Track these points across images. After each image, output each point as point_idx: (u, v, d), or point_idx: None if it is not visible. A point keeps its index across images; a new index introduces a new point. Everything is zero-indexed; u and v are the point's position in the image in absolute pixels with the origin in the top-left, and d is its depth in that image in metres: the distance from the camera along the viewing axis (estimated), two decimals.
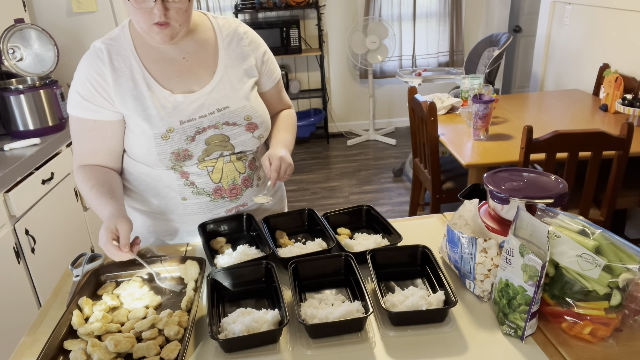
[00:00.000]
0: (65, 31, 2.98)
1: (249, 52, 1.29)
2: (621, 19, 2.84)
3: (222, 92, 1.22)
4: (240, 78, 1.26)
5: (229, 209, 1.31)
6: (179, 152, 1.18)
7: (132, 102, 1.17)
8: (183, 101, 1.19)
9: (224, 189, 1.26)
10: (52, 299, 1.14)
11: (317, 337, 0.95)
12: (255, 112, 1.26)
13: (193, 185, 1.24)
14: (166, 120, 1.17)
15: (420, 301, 0.97)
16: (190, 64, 1.22)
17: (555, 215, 0.97)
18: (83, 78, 1.19)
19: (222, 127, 1.22)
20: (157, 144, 1.17)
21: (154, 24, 1.10)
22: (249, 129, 1.25)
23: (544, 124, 2.51)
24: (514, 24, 4.87)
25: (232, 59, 1.26)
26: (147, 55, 1.20)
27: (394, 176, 4.06)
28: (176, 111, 1.18)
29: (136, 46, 1.20)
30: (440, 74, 4.00)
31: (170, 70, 1.20)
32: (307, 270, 1.10)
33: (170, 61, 1.21)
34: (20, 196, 2.10)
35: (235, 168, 1.27)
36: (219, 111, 1.21)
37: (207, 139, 1.21)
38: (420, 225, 1.35)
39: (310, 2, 4.41)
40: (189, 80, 1.21)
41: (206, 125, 1.20)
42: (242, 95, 1.25)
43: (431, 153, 2.47)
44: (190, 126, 1.19)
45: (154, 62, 1.20)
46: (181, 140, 1.18)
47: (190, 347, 0.95)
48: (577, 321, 0.90)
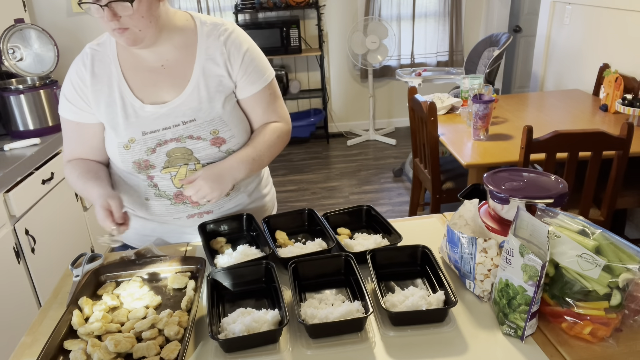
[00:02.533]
0: (65, 31, 2.98)
1: (230, 59, 1.22)
2: (621, 19, 2.84)
3: (192, 104, 1.19)
4: (216, 87, 1.20)
5: (190, 214, 1.29)
6: (139, 162, 1.20)
7: (104, 109, 1.20)
8: (151, 112, 1.18)
9: (186, 195, 1.21)
10: (52, 299, 1.14)
11: (317, 337, 0.95)
12: (225, 125, 1.21)
13: (156, 187, 1.25)
14: (129, 130, 1.18)
15: (420, 301, 0.97)
16: (167, 72, 1.20)
17: (555, 215, 0.97)
18: (68, 81, 1.22)
19: (184, 141, 1.19)
20: (120, 153, 1.20)
21: (114, 29, 1.09)
22: (215, 143, 1.21)
23: (544, 124, 2.51)
24: (514, 24, 4.87)
25: (210, 67, 1.20)
26: (128, 62, 1.20)
27: (394, 176, 4.06)
28: (140, 121, 1.18)
29: (119, 52, 1.20)
30: (440, 74, 3.99)
31: (147, 78, 1.19)
32: (307, 270, 1.10)
33: (149, 69, 1.20)
34: (20, 196, 2.10)
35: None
36: (184, 124, 1.19)
37: (169, 151, 1.19)
38: (420, 225, 1.35)
39: (310, 2, 4.41)
40: (162, 90, 1.19)
41: (168, 138, 1.19)
42: (215, 107, 1.20)
43: (431, 153, 2.47)
44: (151, 138, 1.18)
45: (133, 70, 1.20)
46: (141, 151, 1.19)
47: (190, 347, 0.95)
48: (577, 321, 0.90)
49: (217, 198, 1.17)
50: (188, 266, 1.17)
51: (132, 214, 1.29)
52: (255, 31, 4.31)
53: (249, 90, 1.25)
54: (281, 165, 4.43)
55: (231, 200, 1.33)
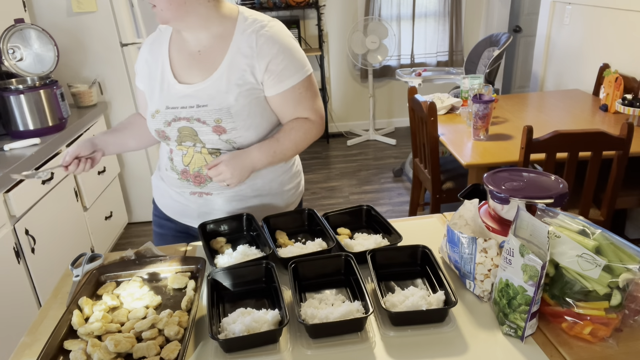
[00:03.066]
0: (65, 31, 2.98)
1: (260, 55, 1.24)
2: (621, 19, 2.84)
3: (211, 91, 1.26)
4: (236, 80, 1.25)
5: (192, 192, 1.37)
6: (159, 131, 1.33)
7: (147, 81, 1.37)
8: (179, 90, 1.29)
9: (189, 173, 1.34)
10: (52, 299, 1.14)
11: (317, 337, 0.95)
12: (230, 117, 1.24)
13: (172, 160, 1.37)
14: (158, 102, 1.32)
15: (420, 301, 0.97)
16: (202, 57, 1.29)
17: (555, 215, 0.97)
18: (139, 56, 1.42)
19: (193, 122, 1.28)
20: (149, 120, 1.35)
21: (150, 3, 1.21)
22: (216, 131, 1.26)
23: (544, 124, 2.51)
24: (514, 24, 4.87)
25: (239, 59, 1.25)
26: (175, 43, 1.34)
27: (394, 176, 4.06)
28: (168, 96, 1.30)
29: (172, 35, 1.35)
30: (440, 74, 3.99)
31: (185, 60, 1.31)
32: (307, 270, 1.10)
33: (188, 52, 1.31)
34: (20, 196, 2.10)
35: (204, 159, 1.32)
36: (198, 107, 1.27)
37: (180, 127, 1.30)
38: (420, 225, 1.35)
39: (310, 2, 4.41)
40: (193, 72, 1.30)
41: (182, 116, 1.29)
42: (227, 99, 1.24)
43: (431, 153, 2.47)
44: (170, 112, 1.30)
45: (177, 51, 1.33)
46: (160, 123, 1.31)
47: (190, 347, 0.95)
48: (577, 321, 0.90)
49: (235, 184, 1.27)
50: (188, 266, 1.17)
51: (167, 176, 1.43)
52: None
53: (276, 88, 1.27)
54: None
55: (230, 187, 1.33)
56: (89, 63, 3.08)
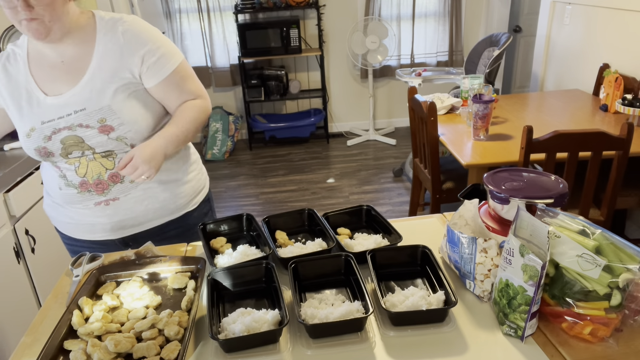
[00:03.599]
0: None
1: (130, 51, 1.27)
2: (621, 19, 2.84)
3: (84, 95, 1.26)
4: (110, 78, 1.26)
5: (97, 202, 1.34)
6: (39, 149, 1.28)
7: (11, 102, 1.29)
8: (51, 103, 1.27)
9: (89, 183, 1.32)
10: (52, 299, 1.14)
11: (317, 337, 0.95)
12: (114, 114, 1.26)
13: (65, 177, 1.33)
14: (30, 120, 1.27)
15: (420, 301, 0.97)
16: (66, 67, 1.28)
17: (555, 215, 0.97)
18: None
19: (75, 129, 1.26)
20: (24, 141, 1.30)
21: (23, 19, 1.15)
22: (103, 131, 1.26)
23: (544, 124, 2.51)
24: (514, 24, 4.87)
25: (108, 60, 1.26)
26: (35, 59, 1.29)
27: (394, 176, 4.06)
28: (40, 111, 1.27)
29: (29, 51, 1.30)
30: (440, 74, 3.99)
31: (48, 73, 1.28)
32: (307, 270, 1.10)
33: (50, 65, 1.28)
34: (20, 196, 2.10)
35: (101, 164, 1.31)
36: (75, 113, 1.26)
37: (62, 139, 1.27)
38: (420, 225, 1.35)
39: (310, 2, 4.41)
40: (61, 83, 1.27)
41: (62, 126, 1.26)
42: (105, 97, 1.25)
43: (431, 153, 2.47)
44: (48, 126, 1.27)
45: (38, 66, 1.29)
46: (39, 139, 1.27)
47: (190, 347, 0.95)
48: (577, 321, 0.90)
49: (154, 174, 1.23)
50: (188, 266, 1.17)
51: (55, 203, 1.40)
52: (255, 31, 4.31)
53: (156, 78, 1.30)
54: (281, 165, 4.43)
55: (137, 187, 1.35)
56: None
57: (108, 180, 1.31)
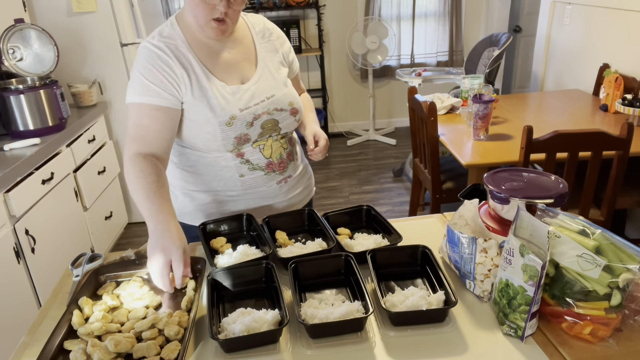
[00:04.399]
0: (65, 31, 2.98)
1: (278, 46, 1.43)
2: (621, 19, 2.84)
3: (267, 82, 1.35)
4: (277, 68, 1.39)
5: (278, 181, 1.41)
6: (240, 136, 1.30)
7: (198, 93, 1.27)
8: (237, 91, 1.31)
9: (274, 163, 1.38)
10: (52, 299, 1.14)
11: (317, 337, 0.95)
12: (295, 98, 1.40)
13: (248, 162, 1.35)
14: (227, 109, 1.28)
15: (420, 301, 0.97)
16: (235, 57, 1.34)
17: (555, 215, 0.97)
18: (150, 68, 1.24)
19: (273, 113, 1.34)
20: (222, 130, 1.28)
21: (212, 19, 1.22)
22: (292, 113, 1.38)
23: (544, 124, 2.51)
24: (514, 24, 4.87)
25: (267, 52, 1.40)
26: (199, 50, 1.30)
27: (394, 176, 4.06)
28: (234, 100, 1.30)
29: (189, 42, 1.29)
30: (440, 74, 3.99)
31: (220, 63, 1.32)
32: (307, 270, 1.10)
33: (219, 55, 1.32)
34: (20, 196, 2.10)
35: (281, 145, 1.39)
36: (268, 99, 1.34)
37: (262, 123, 1.33)
38: (420, 225, 1.35)
39: (310, 2, 4.41)
40: (236, 72, 1.33)
41: (260, 112, 1.32)
42: (282, 84, 1.39)
43: (431, 153, 2.47)
44: (248, 113, 1.30)
45: (207, 57, 1.30)
46: (242, 126, 1.30)
47: (190, 347, 0.95)
48: (577, 321, 0.90)
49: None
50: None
51: (222, 194, 1.39)
52: None
53: (291, 74, 1.48)
54: None
55: (301, 163, 1.51)
56: (89, 63, 3.08)
57: (287, 158, 1.41)
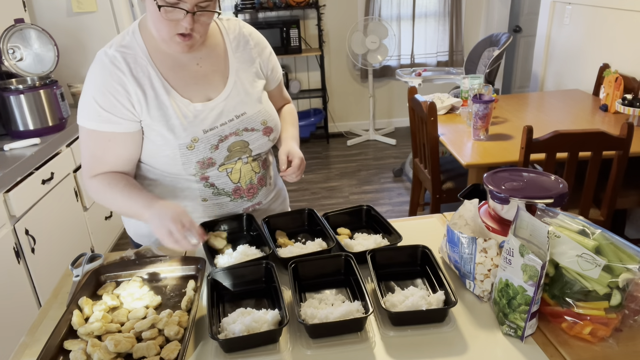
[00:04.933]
0: (65, 31, 2.98)
1: (255, 55, 1.29)
2: (621, 19, 2.84)
3: (237, 98, 1.22)
4: (251, 82, 1.26)
5: (245, 208, 1.32)
6: (203, 160, 1.18)
7: (156, 112, 1.15)
8: (203, 109, 1.18)
9: (243, 189, 1.28)
10: (52, 299, 1.14)
11: (317, 337, 0.95)
12: (270, 115, 1.27)
13: (213, 186, 1.25)
14: (190, 130, 1.16)
15: (420, 301, 0.97)
16: (204, 70, 1.21)
17: (555, 215, 0.97)
18: (102, 89, 1.13)
19: (242, 134, 1.22)
20: (182, 154, 1.16)
21: (176, 34, 1.09)
22: (266, 133, 1.26)
23: (544, 124, 2.51)
24: (514, 24, 4.87)
25: (242, 63, 1.26)
26: (162, 62, 1.17)
27: (394, 176, 4.06)
28: (197, 120, 1.17)
29: (150, 52, 1.16)
30: (440, 74, 3.99)
31: (186, 77, 1.19)
32: (307, 270, 1.10)
33: (184, 68, 1.19)
34: (20, 196, 2.10)
35: (251, 168, 1.28)
36: (237, 118, 1.21)
37: (229, 146, 1.21)
38: (420, 225, 1.35)
39: (310, 2, 4.41)
40: (204, 87, 1.20)
41: (227, 133, 1.20)
42: (256, 100, 1.25)
43: (431, 153, 2.47)
44: (213, 135, 1.18)
45: (170, 70, 1.17)
46: (206, 149, 1.18)
47: (190, 347, 0.95)
48: (577, 321, 0.90)
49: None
50: (188, 266, 1.17)
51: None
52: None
53: (273, 84, 1.36)
54: None
55: (275, 188, 1.41)
56: (89, 63, 3.06)
57: (257, 183, 1.30)
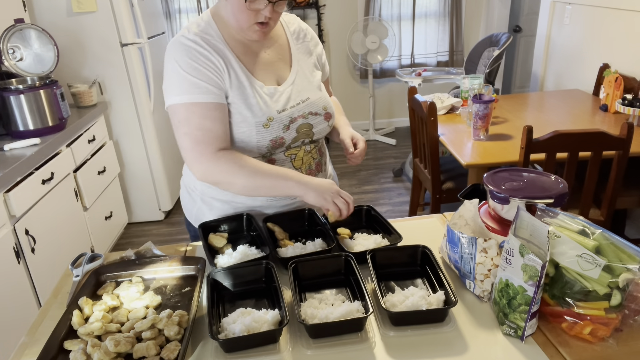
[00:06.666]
0: (65, 31, 2.98)
1: (312, 47, 1.39)
2: (621, 19, 2.84)
3: (301, 85, 1.31)
4: (311, 71, 1.35)
5: None
6: (276, 139, 1.25)
7: (237, 91, 1.22)
8: (275, 92, 1.26)
9: (303, 174, 1.30)
10: (52, 299, 1.14)
11: (317, 337, 0.95)
12: (329, 102, 1.36)
13: None
14: (265, 109, 1.23)
15: (420, 301, 0.97)
16: (270, 57, 1.30)
17: (555, 215, 0.97)
18: (193, 65, 1.17)
19: (308, 117, 1.29)
20: (258, 132, 1.23)
21: (256, 22, 1.18)
22: (326, 118, 1.34)
23: (544, 124, 2.51)
24: (514, 24, 4.87)
25: (302, 54, 1.36)
26: (237, 47, 1.25)
27: (394, 176, 4.06)
28: (272, 101, 1.25)
29: (225, 39, 1.24)
30: (440, 74, 3.99)
31: (257, 62, 1.28)
32: (307, 270, 1.10)
33: (255, 54, 1.28)
34: (20, 196, 2.10)
35: (311, 155, 1.34)
36: (303, 102, 1.29)
37: (298, 127, 1.28)
38: (420, 225, 1.35)
39: (310, 2, 4.41)
40: (273, 72, 1.29)
41: (296, 115, 1.28)
42: (316, 87, 1.34)
43: (431, 153, 2.47)
44: (285, 115, 1.26)
45: (244, 55, 1.26)
46: (279, 129, 1.25)
47: (190, 347, 0.95)
48: (577, 321, 0.90)
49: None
50: (188, 266, 1.17)
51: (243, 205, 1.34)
52: None
53: (323, 77, 1.43)
54: None
55: (324, 175, 1.43)
56: (89, 63, 3.08)
57: (315, 169, 1.35)
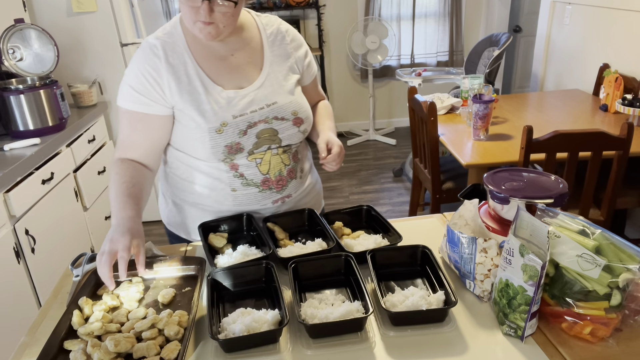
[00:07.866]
0: (65, 31, 2.98)
1: (291, 50, 1.35)
2: (621, 19, 2.84)
3: (270, 88, 1.28)
4: (285, 75, 1.32)
5: (275, 200, 1.33)
6: (231, 145, 1.23)
7: (188, 97, 1.22)
8: (234, 97, 1.24)
9: (271, 180, 1.30)
10: (52, 299, 1.14)
11: (317, 337, 0.95)
12: (301, 107, 1.31)
13: (242, 176, 1.28)
14: (219, 114, 1.22)
15: (420, 301, 0.97)
16: (238, 61, 1.28)
17: (555, 215, 0.97)
18: (137, 72, 1.22)
19: (271, 122, 1.26)
20: (211, 138, 1.22)
21: (200, 21, 1.16)
22: (296, 123, 1.30)
23: (544, 124, 2.51)
24: (514, 24, 4.87)
25: (276, 57, 1.32)
26: (199, 52, 1.25)
27: (394, 176, 4.06)
28: (229, 106, 1.23)
29: (188, 43, 1.25)
30: (440, 74, 4.00)
31: (220, 67, 1.26)
32: (307, 270, 1.10)
33: (219, 58, 1.26)
34: (20, 196, 2.10)
35: (281, 160, 1.31)
36: (268, 106, 1.26)
37: (258, 132, 1.25)
38: (420, 225, 1.35)
39: (310, 2, 4.41)
40: (238, 76, 1.27)
41: (257, 120, 1.25)
42: (288, 91, 1.31)
43: (431, 153, 2.47)
44: (242, 120, 1.23)
45: (205, 59, 1.25)
46: (234, 134, 1.23)
47: (190, 347, 0.95)
48: (577, 321, 0.90)
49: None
50: (188, 266, 1.17)
51: (210, 208, 1.33)
52: None
53: (308, 79, 1.42)
54: None
55: (305, 181, 1.41)
56: (89, 63, 3.08)
57: (287, 176, 1.32)
